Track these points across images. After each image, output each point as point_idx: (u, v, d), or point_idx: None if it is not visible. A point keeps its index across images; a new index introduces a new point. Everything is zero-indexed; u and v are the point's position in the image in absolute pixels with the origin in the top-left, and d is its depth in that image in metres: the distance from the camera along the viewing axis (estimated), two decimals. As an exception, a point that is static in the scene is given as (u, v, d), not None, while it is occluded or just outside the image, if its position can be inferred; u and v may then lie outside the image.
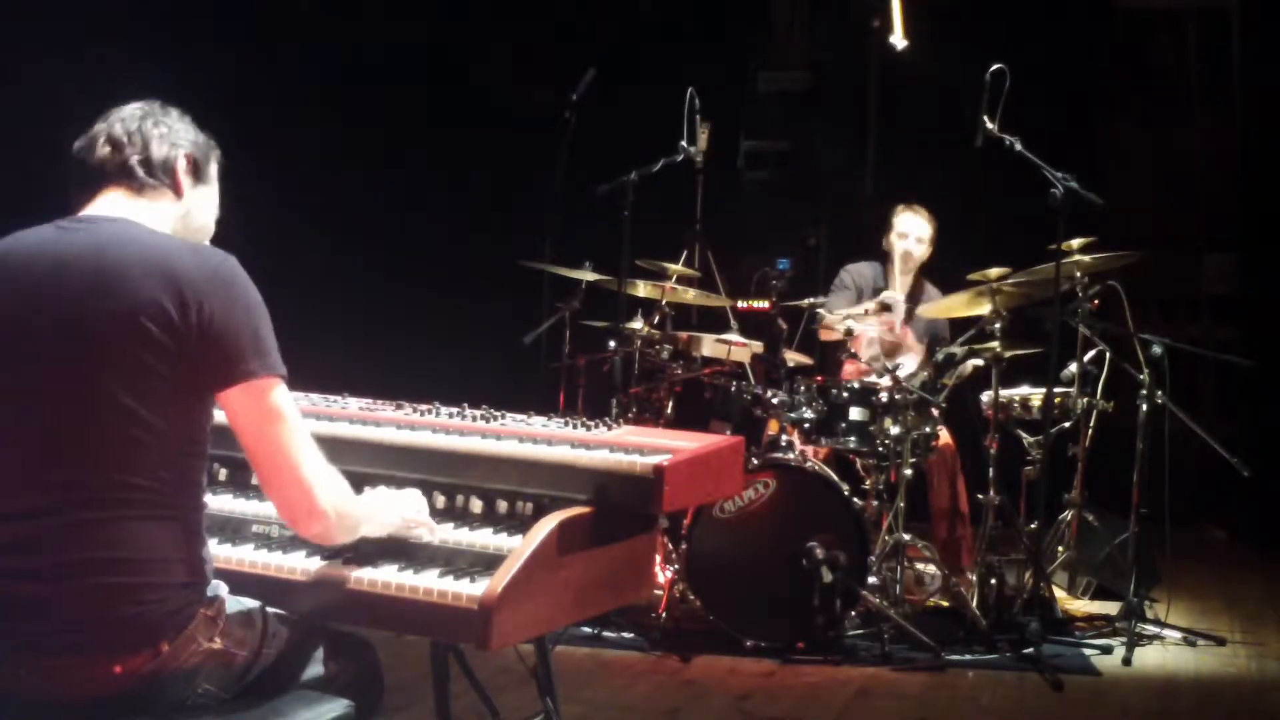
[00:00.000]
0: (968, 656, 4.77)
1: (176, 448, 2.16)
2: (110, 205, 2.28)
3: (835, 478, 4.95)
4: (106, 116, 2.33)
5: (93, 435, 2.11)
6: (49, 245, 2.20)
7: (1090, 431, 5.38)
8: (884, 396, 5.12)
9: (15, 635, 2.08)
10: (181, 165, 2.33)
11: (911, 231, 5.92)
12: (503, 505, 2.49)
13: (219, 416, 2.23)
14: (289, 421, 2.18)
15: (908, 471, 5.12)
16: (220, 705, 2.22)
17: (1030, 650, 4.71)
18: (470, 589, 2.22)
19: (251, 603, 2.32)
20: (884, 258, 6.02)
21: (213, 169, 2.42)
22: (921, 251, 5.93)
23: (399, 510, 2.40)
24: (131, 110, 2.33)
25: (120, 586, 2.09)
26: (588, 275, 5.71)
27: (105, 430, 2.11)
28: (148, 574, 2.11)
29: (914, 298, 5.92)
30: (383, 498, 2.42)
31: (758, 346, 5.61)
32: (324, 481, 2.20)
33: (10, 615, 2.08)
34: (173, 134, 2.33)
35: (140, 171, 2.28)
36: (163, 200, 2.31)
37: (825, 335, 5.90)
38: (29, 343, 2.14)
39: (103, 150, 2.28)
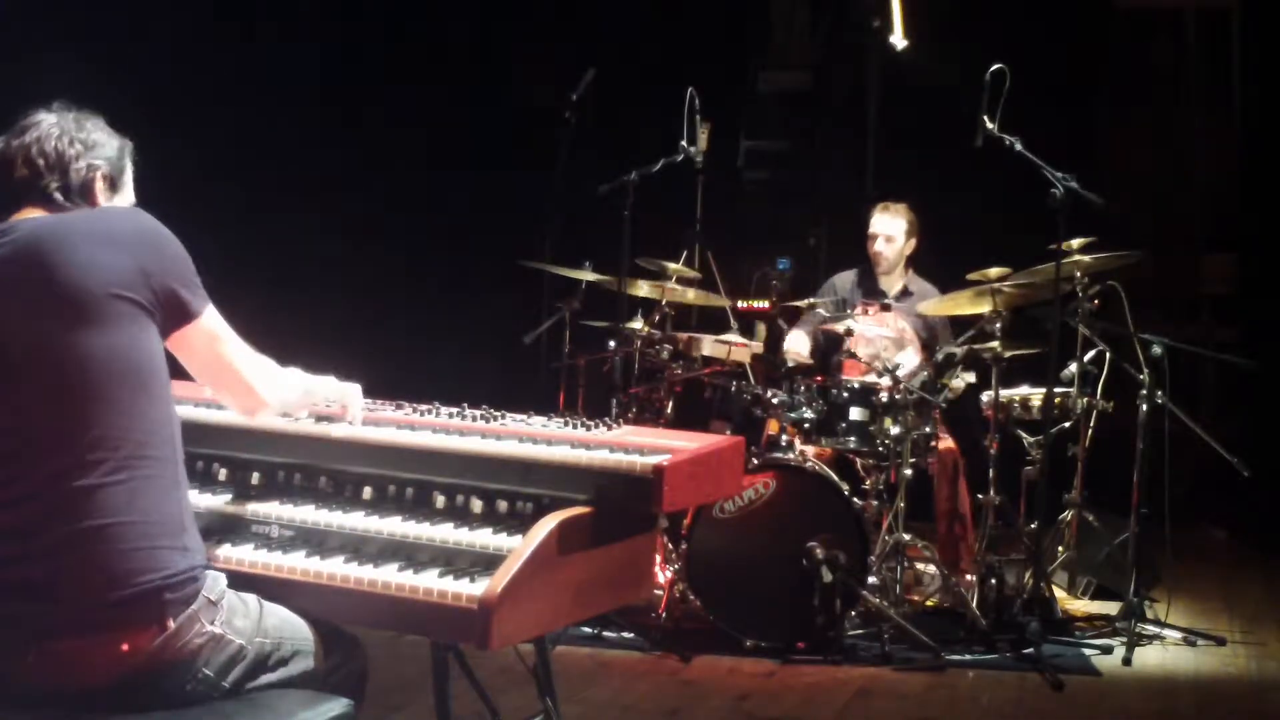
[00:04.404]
0: (968, 656, 4.77)
1: (143, 397, 2.22)
2: (29, 215, 2.33)
3: (835, 478, 4.95)
4: (24, 131, 2.38)
5: (61, 409, 2.16)
6: None
7: (1090, 431, 5.38)
8: (884, 396, 5.11)
9: (20, 622, 2.11)
10: (99, 185, 2.40)
11: (880, 230, 5.88)
12: (503, 505, 2.49)
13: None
14: (225, 338, 2.40)
15: (908, 471, 5.12)
16: (221, 697, 2.25)
17: (1030, 650, 4.71)
18: (470, 589, 2.23)
19: (249, 596, 2.36)
20: (870, 261, 6.01)
21: (128, 174, 2.49)
22: (894, 250, 5.86)
23: (339, 395, 2.67)
24: (48, 129, 2.38)
25: (114, 554, 2.14)
26: (588, 275, 5.70)
27: (72, 401, 2.16)
28: (139, 537, 2.16)
29: (903, 295, 5.91)
30: (327, 383, 2.67)
31: (758, 346, 5.60)
32: (261, 378, 2.46)
33: (11, 601, 2.11)
34: (89, 152, 2.39)
35: (59, 197, 2.35)
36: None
37: (794, 357, 5.65)
38: None
39: (21, 172, 2.35)
